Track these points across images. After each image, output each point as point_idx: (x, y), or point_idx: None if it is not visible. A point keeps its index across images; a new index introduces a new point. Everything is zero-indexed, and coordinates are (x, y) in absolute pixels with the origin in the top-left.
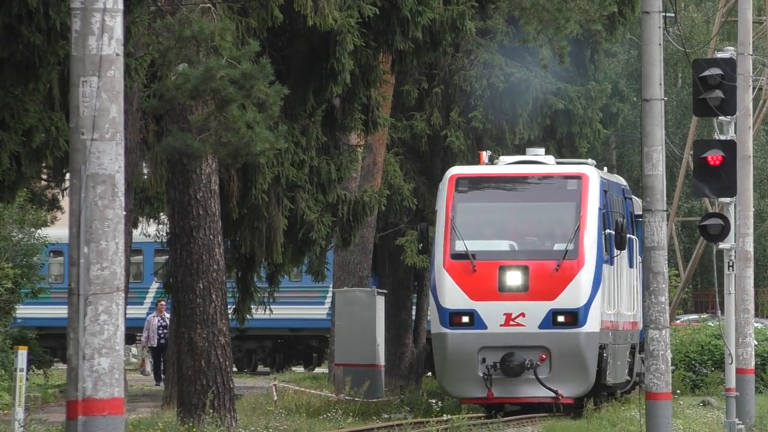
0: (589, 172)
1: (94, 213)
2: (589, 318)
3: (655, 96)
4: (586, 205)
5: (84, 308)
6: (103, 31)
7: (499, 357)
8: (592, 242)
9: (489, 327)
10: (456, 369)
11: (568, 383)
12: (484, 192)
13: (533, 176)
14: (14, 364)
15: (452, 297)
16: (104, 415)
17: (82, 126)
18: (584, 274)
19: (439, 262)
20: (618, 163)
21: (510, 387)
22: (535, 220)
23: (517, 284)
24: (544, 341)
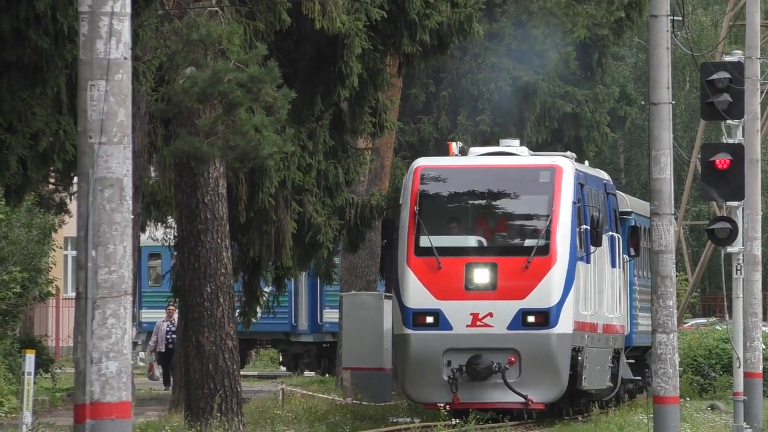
0: (563, 164)
1: (101, 217)
2: (561, 318)
3: (662, 99)
4: (559, 198)
5: (92, 312)
6: (111, 35)
7: (465, 360)
8: (565, 238)
9: (454, 328)
10: (419, 372)
11: (538, 388)
12: (451, 185)
13: (504, 168)
14: (22, 368)
15: (416, 296)
16: (112, 418)
17: (90, 129)
18: (556, 271)
19: (402, 258)
20: (626, 167)
21: (477, 391)
22: (505, 214)
23: (484, 282)
24: (513, 343)
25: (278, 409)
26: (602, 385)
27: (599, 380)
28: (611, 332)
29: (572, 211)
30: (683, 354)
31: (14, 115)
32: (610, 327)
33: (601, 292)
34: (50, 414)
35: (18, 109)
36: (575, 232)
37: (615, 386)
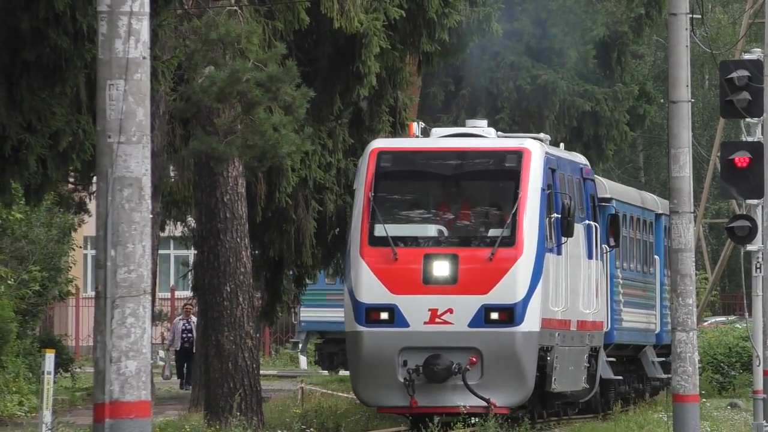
0: (531, 147)
1: (120, 216)
2: (527, 315)
3: (682, 98)
4: (526, 184)
5: (111, 311)
6: (130, 35)
7: (423, 360)
8: (533, 228)
9: (411, 325)
10: (373, 373)
11: (502, 390)
12: (409, 169)
13: (467, 151)
14: (42, 367)
15: (369, 290)
16: (131, 417)
17: (109, 129)
18: (522, 264)
19: (355, 249)
20: (645, 165)
21: (435, 394)
22: (468, 201)
23: (444, 275)
24: (475, 342)
25: (298, 408)
26: (576, 387)
27: (573, 381)
28: (587, 329)
29: (541, 199)
30: (703, 352)
31: (33, 115)
32: (586, 323)
33: (574, 285)
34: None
35: (37, 108)
36: (544, 221)
37: (592, 387)
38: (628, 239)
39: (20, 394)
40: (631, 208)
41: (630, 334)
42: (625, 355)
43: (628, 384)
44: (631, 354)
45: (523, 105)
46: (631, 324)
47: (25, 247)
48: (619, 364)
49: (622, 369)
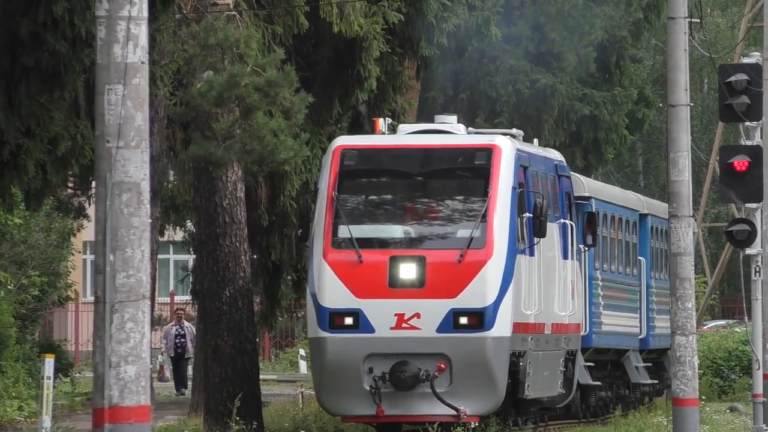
0: (502, 144)
1: (119, 221)
2: (497, 320)
3: (680, 102)
4: (497, 183)
5: (110, 316)
6: (128, 39)
7: (389, 366)
8: (503, 228)
9: (377, 330)
10: (337, 381)
11: (472, 398)
12: (374, 167)
13: (435, 148)
14: (41, 372)
15: (333, 294)
16: (131, 422)
17: (108, 134)
18: (492, 266)
19: (318, 251)
20: (644, 169)
21: (402, 403)
22: (435, 201)
23: (411, 278)
24: (443, 347)
25: (297, 413)
26: (552, 392)
27: (547, 387)
28: (562, 332)
29: (512, 197)
30: (702, 356)
31: (32, 120)
32: (561, 326)
33: (549, 287)
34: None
35: (36, 113)
36: (515, 221)
37: (569, 393)
38: (609, 239)
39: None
40: (613, 207)
41: (611, 337)
42: (607, 360)
43: (611, 389)
44: (613, 358)
45: (522, 109)
46: (612, 327)
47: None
48: (601, 369)
49: (604, 374)
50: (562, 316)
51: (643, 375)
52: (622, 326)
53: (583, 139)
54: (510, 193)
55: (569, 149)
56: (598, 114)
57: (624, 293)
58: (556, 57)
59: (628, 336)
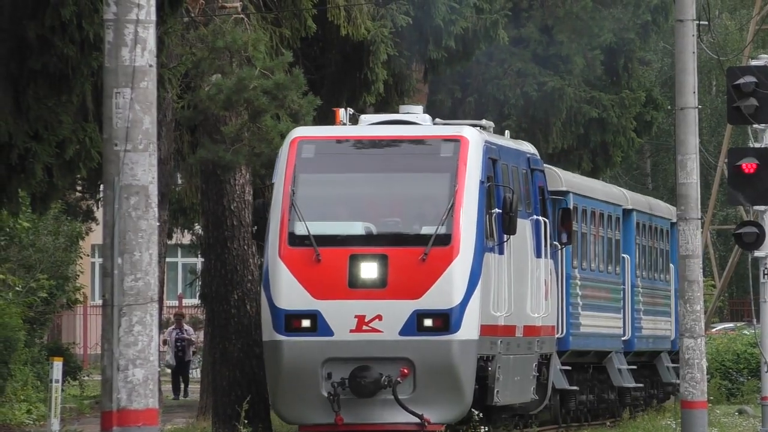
0: (469, 135)
1: (127, 224)
2: (464, 322)
3: (689, 104)
4: (463, 176)
5: (118, 319)
6: (136, 43)
7: (349, 372)
8: (470, 225)
9: (336, 333)
10: (293, 387)
11: (436, 405)
12: (334, 160)
13: (398, 140)
14: (50, 375)
15: (289, 295)
16: (139, 425)
17: (116, 137)
18: (458, 265)
19: (273, 249)
20: (653, 172)
21: (362, 410)
22: (398, 196)
23: (372, 278)
24: (407, 351)
25: None
26: (524, 399)
27: (519, 393)
28: (535, 335)
29: (480, 192)
30: (711, 359)
31: (40, 123)
32: (534, 329)
33: (520, 287)
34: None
35: (44, 117)
36: (483, 217)
37: (543, 398)
38: (589, 236)
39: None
40: (593, 203)
41: (591, 339)
42: (588, 363)
43: (593, 393)
44: (594, 361)
45: (529, 112)
46: (591, 329)
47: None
48: (582, 372)
49: (585, 377)
50: (535, 317)
51: (627, 378)
52: (604, 327)
53: (590, 141)
54: (478, 187)
55: (577, 152)
56: (606, 117)
57: (605, 293)
58: (564, 60)
59: (610, 337)
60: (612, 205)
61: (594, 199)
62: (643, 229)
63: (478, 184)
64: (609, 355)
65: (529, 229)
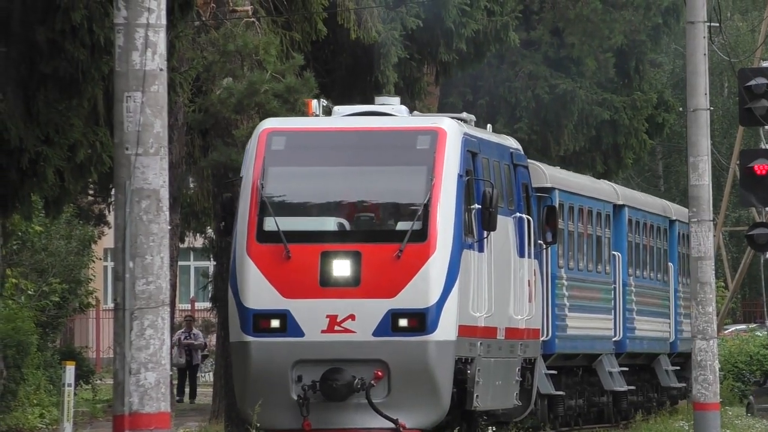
0: (447, 127)
1: (139, 228)
2: (441, 322)
3: (700, 106)
4: (441, 170)
5: (130, 323)
6: (147, 47)
7: (320, 374)
8: (448, 221)
9: (307, 334)
10: (262, 390)
11: (412, 410)
12: (305, 153)
13: (372, 132)
14: (62, 379)
15: (257, 293)
16: (151, 429)
17: (127, 141)
18: (435, 263)
19: (241, 246)
20: (665, 174)
21: (334, 415)
22: (373, 190)
23: (344, 276)
24: (381, 353)
25: None
26: (506, 404)
27: (500, 398)
28: (518, 338)
29: (458, 186)
30: (723, 360)
31: (51, 127)
32: (517, 331)
33: (502, 287)
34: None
35: (55, 120)
36: (461, 212)
37: (528, 405)
38: (576, 234)
39: (41, 407)
40: (581, 199)
41: (578, 342)
42: (577, 366)
43: (583, 398)
44: (584, 364)
45: (541, 114)
46: (579, 331)
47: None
48: (571, 376)
49: (575, 381)
50: (518, 320)
51: (619, 381)
52: (593, 329)
53: (602, 144)
54: (456, 181)
55: (589, 154)
56: (617, 119)
57: (595, 293)
58: (575, 62)
59: (600, 339)
60: (601, 202)
61: (581, 196)
62: (637, 226)
63: (456, 178)
64: (599, 357)
65: (511, 227)
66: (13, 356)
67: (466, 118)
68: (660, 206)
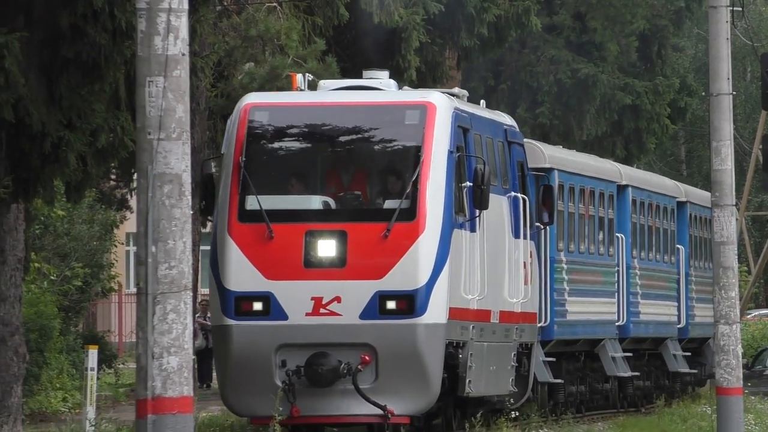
0: (437, 101)
1: (161, 212)
2: (431, 304)
3: (723, 91)
4: (430, 146)
5: (152, 307)
6: (169, 31)
7: (305, 359)
8: (437, 199)
9: (291, 317)
10: (244, 376)
11: (401, 396)
12: (289, 129)
13: (359, 107)
14: (85, 364)
15: (239, 275)
16: (174, 413)
17: (149, 126)
18: (424, 242)
19: (222, 226)
20: (687, 158)
21: (319, 401)
22: (359, 167)
23: (330, 257)
24: (368, 337)
25: None
26: (501, 390)
27: (494, 384)
28: (514, 321)
29: (448, 163)
30: (746, 345)
31: (73, 112)
32: (512, 315)
33: (495, 269)
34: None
35: (77, 105)
36: (452, 190)
37: (525, 391)
38: (577, 216)
39: (64, 391)
40: (582, 179)
41: (579, 327)
42: (579, 351)
43: (585, 384)
44: (585, 349)
45: (563, 99)
46: (580, 316)
47: (68, 243)
48: (570, 362)
49: (576, 367)
50: (513, 303)
51: (622, 367)
52: (595, 313)
53: (624, 128)
54: (446, 158)
55: (611, 139)
56: (639, 103)
57: (597, 276)
58: (598, 46)
59: (602, 324)
60: (604, 182)
61: (584, 176)
62: (642, 207)
63: (447, 155)
64: (602, 342)
65: (506, 207)
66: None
67: (458, 93)
68: (668, 186)
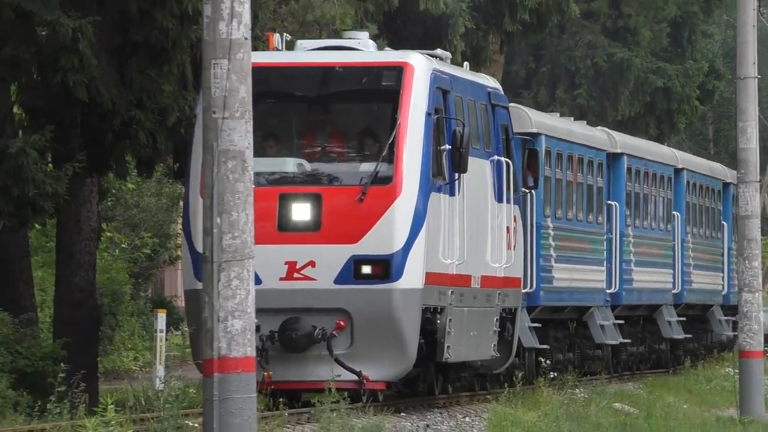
0: (415, 62)
1: (225, 186)
2: (407, 269)
3: (749, 74)
4: (407, 107)
5: (217, 274)
6: (233, 17)
7: (279, 324)
8: (414, 162)
9: (264, 281)
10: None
11: (376, 361)
12: (263, 89)
13: (335, 67)
14: (154, 326)
15: None
16: (238, 372)
17: (214, 105)
18: (400, 206)
19: (194, 188)
20: (714, 137)
21: (294, 366)
22: (335, 129)
23: (304, 221)
24: (343, 301)
25: None
26: (482, 355)
27: (476, 350)
28: (496, 287)
29: (426, 125)
30: None
31: (143, 93)
32: (494, 280)
33: (477, 234)
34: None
35: (146, 86)
36: (429, 153)
37: (508, 356)
38: (564, 182)
39: (135, 351)
40: (570, 146)
41: (566, 294)
42: (569, 318)
43: (573, 351)
44: (574, 316)
45: (599, 82)
46: (568, 283)
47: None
48: (561, 329)
49: (565, 334)
50: (495, 267)
51: (611, 334)
52: (583, 281)
53: (656, 109)
54: (423, 119)
55: (644, 119)
56: (671, 86)
57: (585, 243)
58: (632, 32)
59: (591, 292)
60: (594, 150)
61: (571, 143)
62: (637, 176)
63: (424, 117)
64: (590, 310)
65: (489, 171)
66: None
67: (441, 55)
68: (664, 154)
